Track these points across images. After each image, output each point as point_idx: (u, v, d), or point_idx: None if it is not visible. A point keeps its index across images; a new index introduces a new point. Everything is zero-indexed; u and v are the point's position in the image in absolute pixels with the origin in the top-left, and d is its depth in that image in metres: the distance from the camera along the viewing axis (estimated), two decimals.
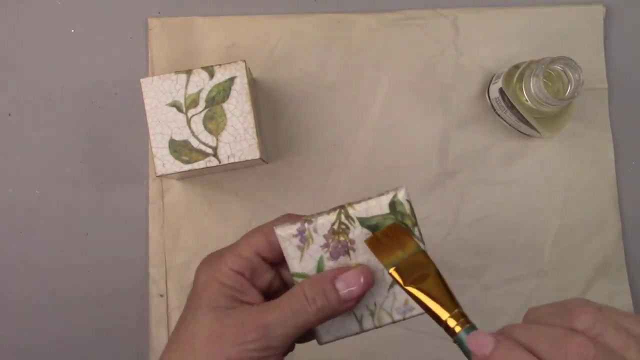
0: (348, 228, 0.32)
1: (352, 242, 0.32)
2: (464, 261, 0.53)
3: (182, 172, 0.45)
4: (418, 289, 0.30)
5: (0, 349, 0.52)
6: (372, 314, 0.33)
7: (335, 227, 0.32)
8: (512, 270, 0.53)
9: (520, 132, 0.52)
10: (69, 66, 0.53)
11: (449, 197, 0.53)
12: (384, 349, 0.52)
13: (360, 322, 0.33)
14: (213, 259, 0.33)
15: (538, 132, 0.50)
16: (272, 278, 0.33)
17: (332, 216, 0.32)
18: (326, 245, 0.32)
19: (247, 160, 0.45)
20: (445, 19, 0.53)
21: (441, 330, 0.29)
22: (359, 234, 0.32)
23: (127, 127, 0.53)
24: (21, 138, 0.52)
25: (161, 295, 0.51)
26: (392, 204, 0.32)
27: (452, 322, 0.28)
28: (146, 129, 0.52)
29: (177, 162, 0.45)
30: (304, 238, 0.32)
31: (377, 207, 0.32)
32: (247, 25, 0.53)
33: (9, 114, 0.52)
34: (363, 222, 0.32)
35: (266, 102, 0.53)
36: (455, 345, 0.47)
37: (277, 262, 0.33)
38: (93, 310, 0.52)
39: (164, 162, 0.45)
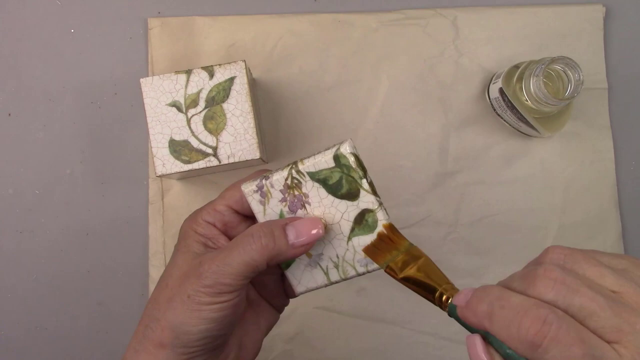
0: (300, 182, 0.33)
1: (307, 195, 0.34)
2: (464, 261, 0.53)
3: (182, 172, 0.45)
4: (407, 276, 0.31)
5: (0, 349, 0.52)
6: (337, 266, 0.34)
7: (289, 182, 0.34)
8: (512, 270, 0.52)
9: (520, 132, 0.52)
10: (69, 66, 0.53)
11: (449, 197, 0.53)
12: (384, 349, 0.52)
13: (327, 274, 0.35)
14: (194, 213, 0.36)
15: (538, 132, 0.50)
16: (245, 229, 0.35)
17: (285, 172, 0.34)
18: (284, 200, 0.34)
19: (247, 160, 0.45)
20: (445, 19, 0.53)
21: (441, 330, 0.30)
22: (311, 187, 0.33)
23: (127, 127, 0.53)
24: (21, 138, 0.52)
25: None
26: (337, 157, 0.33)
27: (443, 296, 0.30)
28: (146, 129, 0.52)
29: (177, 162, 0.45)
30: (263, 193, 0.34)
31: (324, 161, 0.33)
32: (247, 25, 0.53)
33: (9, 114, 0.52)
34: (312, 176, 0.33)
35: (266, 102, 0.53)
36: (455, 346, 0.47)
37: (249, 215, 0.36)
38: (93, 310, 0.52)
39: (164, 162, 0.45)
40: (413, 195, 0.53)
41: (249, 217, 0.36)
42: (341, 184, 0.33)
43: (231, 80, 0.45)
